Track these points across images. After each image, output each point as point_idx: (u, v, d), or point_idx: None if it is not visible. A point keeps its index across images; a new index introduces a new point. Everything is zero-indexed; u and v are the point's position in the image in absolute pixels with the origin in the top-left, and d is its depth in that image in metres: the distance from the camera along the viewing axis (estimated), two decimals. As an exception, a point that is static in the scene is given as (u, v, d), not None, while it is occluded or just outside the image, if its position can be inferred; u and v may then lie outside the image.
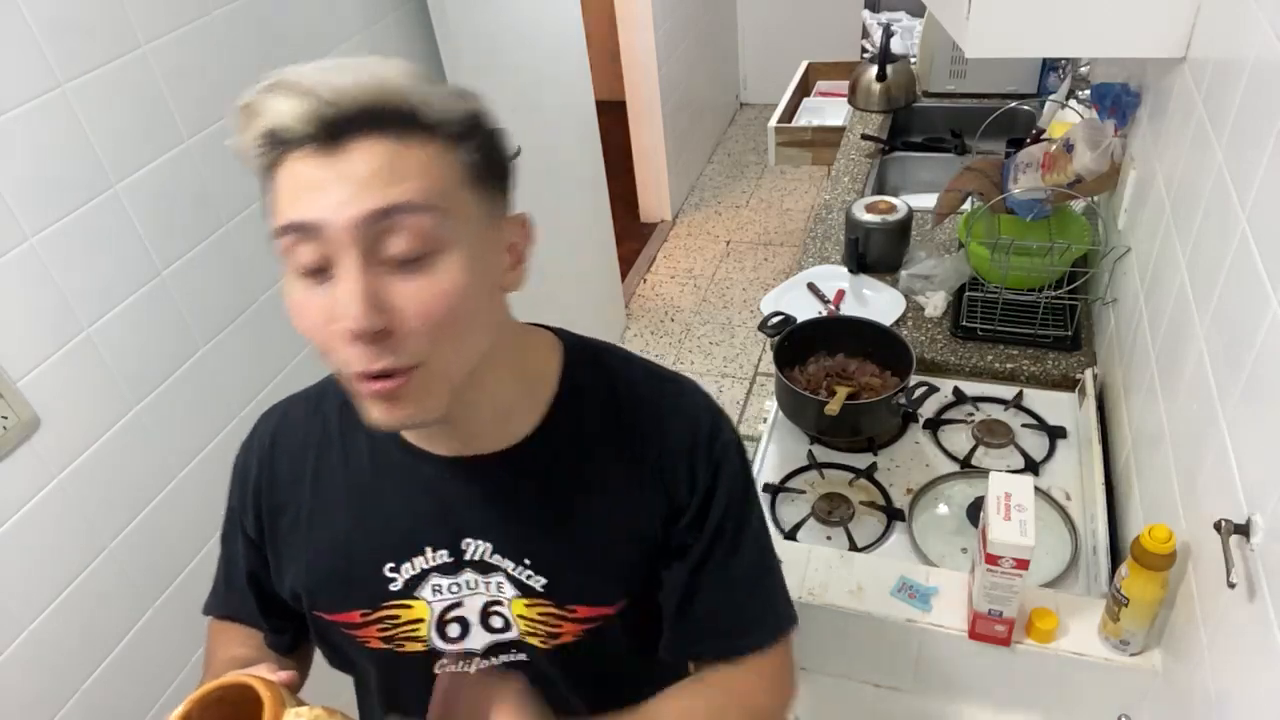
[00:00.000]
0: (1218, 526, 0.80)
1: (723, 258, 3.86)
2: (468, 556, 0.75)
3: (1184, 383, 1.03)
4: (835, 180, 2.32)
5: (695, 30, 4.20)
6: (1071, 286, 1.59)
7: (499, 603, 0.76)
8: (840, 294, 1.86)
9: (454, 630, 0.78)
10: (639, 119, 3.87)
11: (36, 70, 1.08)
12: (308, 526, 0.78)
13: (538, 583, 0.75)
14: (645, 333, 3.45)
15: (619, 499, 0.76)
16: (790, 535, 1.34)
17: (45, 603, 1.17)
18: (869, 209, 1.88)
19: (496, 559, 0.75)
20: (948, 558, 1.27)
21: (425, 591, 0.76)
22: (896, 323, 1.74)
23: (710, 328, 3.45)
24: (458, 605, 0.77)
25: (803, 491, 1.42)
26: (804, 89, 3.17)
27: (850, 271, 1.90)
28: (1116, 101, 1.48)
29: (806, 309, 1.81)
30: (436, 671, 0.79)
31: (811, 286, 1.88)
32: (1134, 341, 1.32)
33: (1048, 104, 2.22)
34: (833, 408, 1.39)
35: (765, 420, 1.59)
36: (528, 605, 0.76)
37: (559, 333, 0.80)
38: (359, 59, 0.60)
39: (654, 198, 4.09)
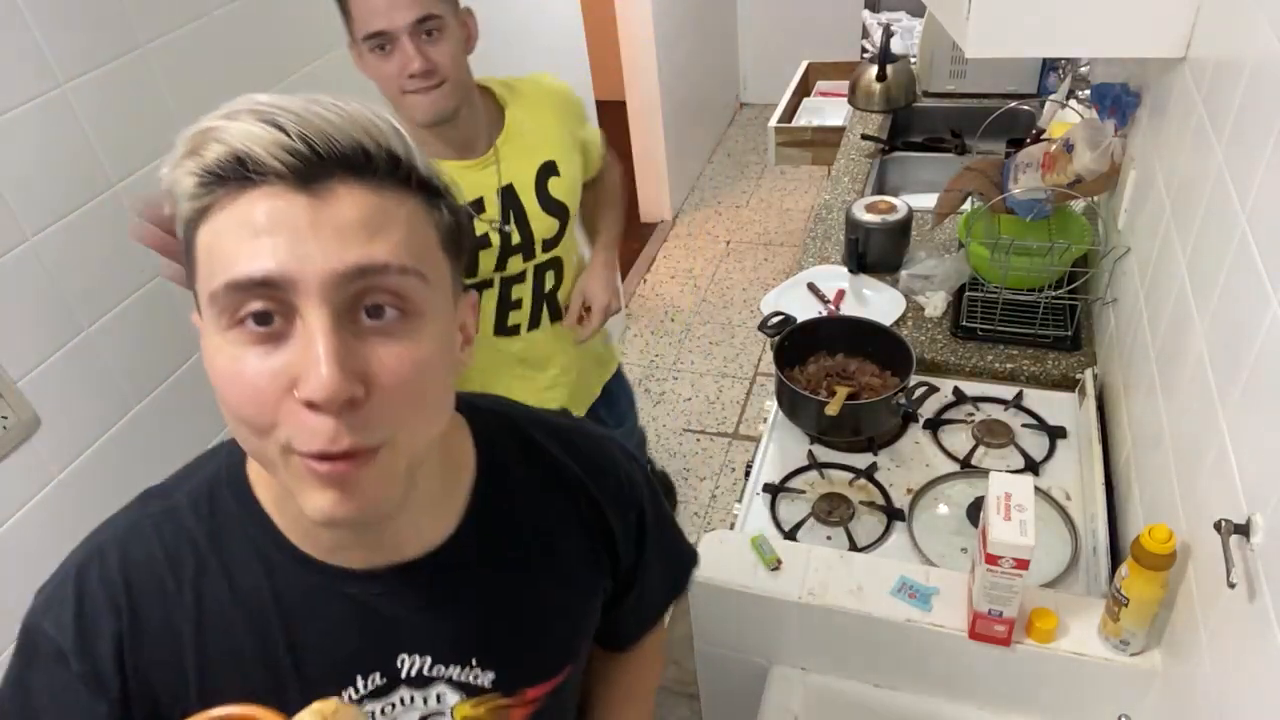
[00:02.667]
0: (1218, 526, 0.80)
1: (723, 258, 3.86)
2: (403, 675, 0.68)
3: (1184, 383, 1.03)
4: (835, 180, 2.32)
5: (695, 30, 4.20)
6: (1071, 286, 1.59)
7: (439, 714, 0.70)
8: (840, 294, 1.86)
9: None
10: (639, 119, 3.86)
11: (36, 70, 1.08)
12: (199, 678, 0.63)
13: (486, 679, 0.71)
14: (645, 333, 3.45)
15: (562, 567, 0.73)
16: (790, 535, 1.34)
17: (45, 603, 1.17)
18: (869, 209, 1.88)
19: (437, 670, 0.69)
20: (948, 558, 1.27)
21: None
22: (896, 323, 1.74)
23: (710, 328, 3.45)
24: None
25: (803, 491, 1.42)
26: (804, 89, 3.16)
27: (850, 271, 1.90)
28: (1116, 101, 1.48)
29: (806, 309, 1.81)
30: None
31: (811, 286, 1.88)
32: (1134, 341, 1.32)
33: (1048, 104, 2.22)
34: (833, 408, 1.39)
35: (765, 420, 1.59)
36: (474, 705, 0.71)
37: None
38: (335, 97, 0.53)
39: (654, 197, 4.09)
